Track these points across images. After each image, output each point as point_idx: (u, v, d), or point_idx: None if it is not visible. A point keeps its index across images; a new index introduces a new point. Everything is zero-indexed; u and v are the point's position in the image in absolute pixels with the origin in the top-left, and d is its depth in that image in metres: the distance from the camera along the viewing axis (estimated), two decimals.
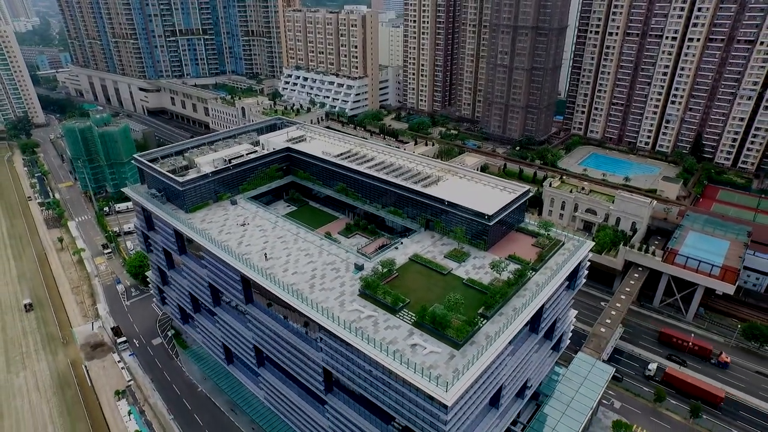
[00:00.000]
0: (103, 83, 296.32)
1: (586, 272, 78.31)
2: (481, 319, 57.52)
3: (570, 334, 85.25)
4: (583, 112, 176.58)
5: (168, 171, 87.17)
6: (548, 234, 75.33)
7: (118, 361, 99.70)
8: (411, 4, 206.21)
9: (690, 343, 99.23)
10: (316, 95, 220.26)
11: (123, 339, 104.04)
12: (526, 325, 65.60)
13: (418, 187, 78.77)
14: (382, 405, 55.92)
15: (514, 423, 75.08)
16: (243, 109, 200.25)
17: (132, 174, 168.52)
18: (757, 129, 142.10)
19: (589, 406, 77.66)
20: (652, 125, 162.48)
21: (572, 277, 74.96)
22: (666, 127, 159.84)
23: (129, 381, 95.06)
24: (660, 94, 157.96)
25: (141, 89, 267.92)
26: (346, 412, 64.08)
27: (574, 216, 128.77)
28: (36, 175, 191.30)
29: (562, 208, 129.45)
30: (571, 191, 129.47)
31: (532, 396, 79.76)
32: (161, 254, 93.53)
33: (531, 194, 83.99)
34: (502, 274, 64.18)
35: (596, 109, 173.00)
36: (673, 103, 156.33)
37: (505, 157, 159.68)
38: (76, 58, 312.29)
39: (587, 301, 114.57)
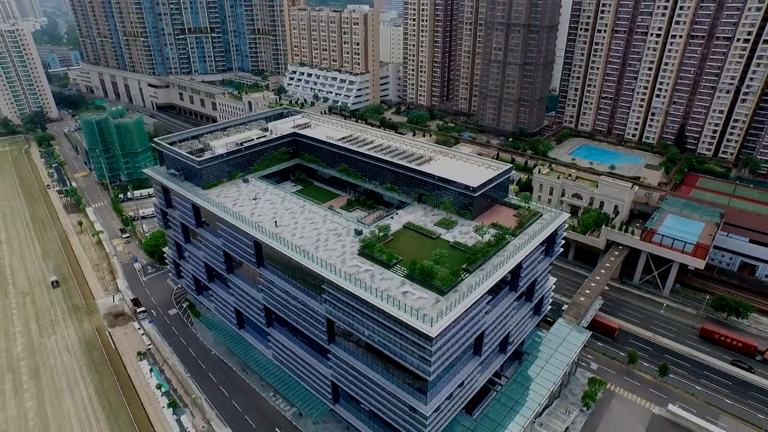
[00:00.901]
0: (113, 80, 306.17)
1: (563, 242, 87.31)
2: (464, 273, 66.31)
3: (550, 300, 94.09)
4: (574, 106, 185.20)
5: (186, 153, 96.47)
6: (528, 206, 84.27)
7: (138, 328, 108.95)
8: (410, 4, 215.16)
9: (733, 340, 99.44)
10: (319, 90, 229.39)
11: (142, 309, 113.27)
12: (505, 282, 74.94)
13: (412, 165, 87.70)
14: (377, 345, 64.74)
15: (499, 377, 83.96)
16: (250, 103, 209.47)
17: (145, 163, 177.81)
18: (735, 121, 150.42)
19: (566, 363, 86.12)
20: (638, 118, 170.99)
21: (550, 244, 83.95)
22: (652, 120, 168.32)
23: (149, 345, 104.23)
24: (646, 88, 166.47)
25: (150, 85, 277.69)
26: (346, 359, 72.98)
27: (561, 200, 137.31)
28: (53, 165, 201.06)
29: (551, 193, 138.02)
30: (558, 177, 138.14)
31: (515, 355, 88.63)
32: (179, 229, 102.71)
33: (513, 172, 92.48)
34: (485, 237, 73.02)
35: (586, 102, 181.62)
36: (658, 96, 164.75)
37: (498, 147, 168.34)
38: (87, 56, 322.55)
39: (572, 278, 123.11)
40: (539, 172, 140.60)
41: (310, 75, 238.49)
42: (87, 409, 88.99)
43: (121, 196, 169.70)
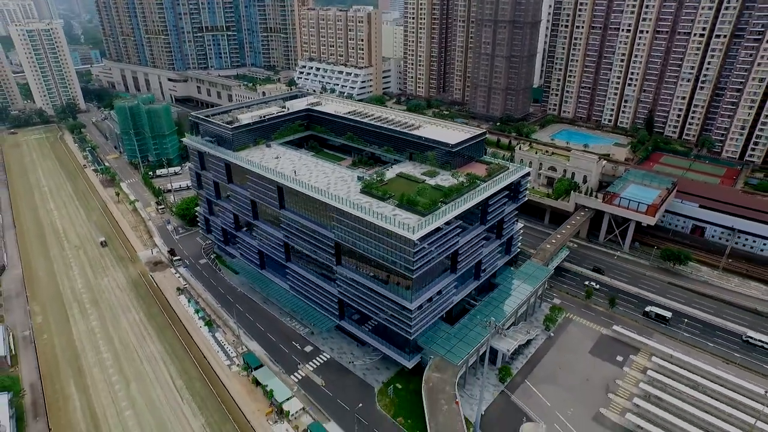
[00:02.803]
0: (134, 75, 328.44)
1: (528, 192, 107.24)
2: (441, 204, 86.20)
3: (519, 242, 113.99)
4: (556, 95, 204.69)
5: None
6: (498, 162, 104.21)
7: (174, 273, 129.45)
8: (410, 3, 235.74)
9: None
10: (327, 83, 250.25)
11: (177, 258, 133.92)
12: (476, 216, 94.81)
13: (404, 130, 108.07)
14: (373, 256, 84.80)
15: (475, 300, 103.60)
16: (264, 93, 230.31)
17: (172, 145, 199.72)
18: (695, 106, 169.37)
19: (530, 290, 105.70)
20: (613, 105, 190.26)
21: (515, 193, 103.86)
22: (625, 106, 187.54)
23: (184, 284, 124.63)
24: (619, 78, 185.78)
25: (170, 80, 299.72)
26: (350, 275, 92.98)
27: (539, 173, 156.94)
28: (87, 149, 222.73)
29: (530, 166, 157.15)
30: (536, 153, 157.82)
31: (490, 287, 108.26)
32: (211, 187, 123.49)
33: (486, 136, 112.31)
34: (459, 179, 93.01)
35: (568, 92, 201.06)
36: (629, 85, 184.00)
37: (487, 130, 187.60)
38: (110, 53, 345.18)
39: (544, 237, 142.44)
40: (520, 149, 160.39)
41: (318, 69, 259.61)
42: (140, 326, 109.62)
43: (150, 173, 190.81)
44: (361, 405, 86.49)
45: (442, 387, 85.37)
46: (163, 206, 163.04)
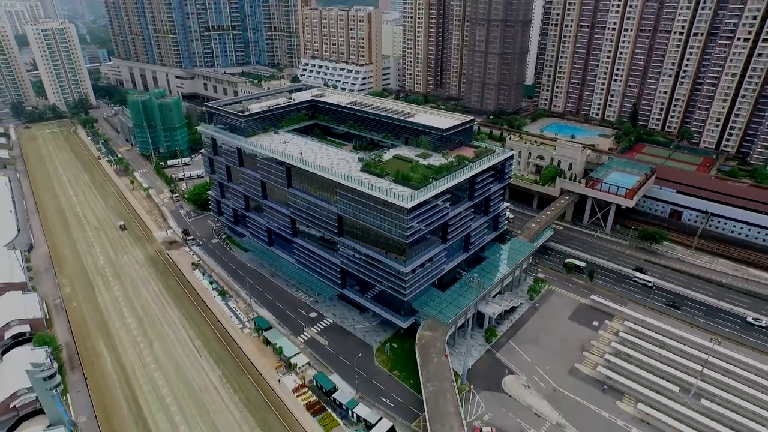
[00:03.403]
0: (142, 73, 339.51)
1: (512, 173, 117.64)
2: (432, 180, 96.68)
3: (506, 220, 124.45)
4: (547, 90, 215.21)
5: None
6: (485, 146, 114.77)
7: (188, 251, 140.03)
8: (408, 3, 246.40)
9: None
10: (329, 79, 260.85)
11: (191, 237, 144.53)
12: (464, 192, 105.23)
13: (400, 117, 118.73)
14: (372, 225, 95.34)
15: (465, 270, 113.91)
16: (269, 89, 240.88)
17: (182, 137, 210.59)
18: (676, 100, 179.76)
19: (515, 263, 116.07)
20: (601, 99, 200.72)
21: (500, 173, 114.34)
22: (611, 101, 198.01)
23: (198, 261, 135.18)
24: (606, 74, 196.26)
25: (177, 77, 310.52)
26: (351, 245, 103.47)
27: (528, 162, 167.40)
28: (100, 141, 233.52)
29: (520, 155, 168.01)
30: (525, 143, 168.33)
31: (478, 260, 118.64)
32: (223, 171, 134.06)
33: (474, 122, 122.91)
34: (449, 160, 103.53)
35: (558, 87, 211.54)
36: (615, 81, 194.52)
37: (480, 123, 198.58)
38: (118, 52, 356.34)
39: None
40: (510, 139, 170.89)
41: (320, 66, 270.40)
42: (159, 296, 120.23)
43: (162, 163, 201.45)
44: (360, 358, 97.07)
45: (433, 343, 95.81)
46: (177, 194, 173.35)
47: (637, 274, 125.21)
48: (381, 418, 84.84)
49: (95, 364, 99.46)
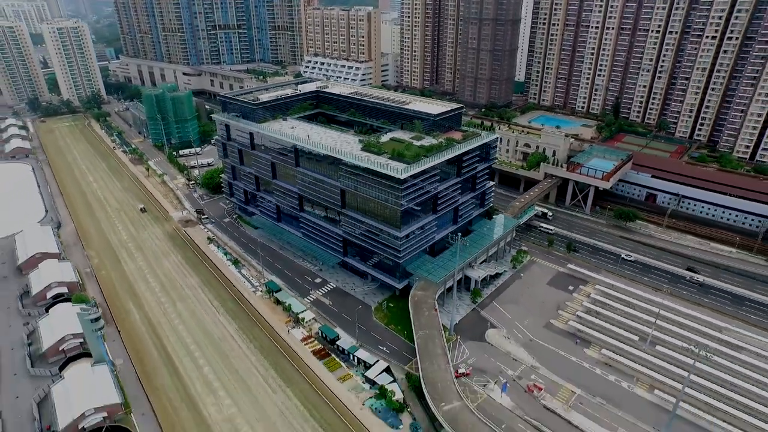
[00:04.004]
0: (150, 70, 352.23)
1: (501, 161, 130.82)
2: (424, 157, 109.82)
3: (492, 197, 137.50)
4: (536, 85, 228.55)
5: None
6: (472, 130, 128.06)
7: (203, 228, 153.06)
8: (406, 3, 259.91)
9: None
10: (330, 75, 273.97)
11: (205, 216, 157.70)
12: (452, 169, 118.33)
13: (396, 105, 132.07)
14: (371, 197, 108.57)
15: (453, 241, 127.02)
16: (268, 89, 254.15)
17: (192, 128, 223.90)
18: (654, 94, 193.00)
19: (500, 234, 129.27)
20: (586, 93, 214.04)
21: (485, 155, 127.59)
22: (595, 95, 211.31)
23: (212, 237, 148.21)
24: (590, 70, 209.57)
25: (185, 74, 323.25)
26: (352, 215, 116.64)
27: (516, 149, 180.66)
28: (114, 133, 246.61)
29: (508, 143, 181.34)
30: (513, 132, 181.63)
31: (466, 233, 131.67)
32: (236, 154, 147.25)
33: (463, 109, 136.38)
34: (439, 141, 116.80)
35: (546, 82, 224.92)
36: (599, 76, 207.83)
37: (473, 116, 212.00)
38: (126, 50, 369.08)
39: None
40: (499, 129, 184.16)
41: (322, 63, 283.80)
42: (179, 265, 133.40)
43: (174, 153, 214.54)
44: (360, 315, 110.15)
45: (425, 300, 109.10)
46: (193, 181, 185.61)
47: (690, 274, 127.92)
48: (378, 360, 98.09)
49: (126, 320, 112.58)
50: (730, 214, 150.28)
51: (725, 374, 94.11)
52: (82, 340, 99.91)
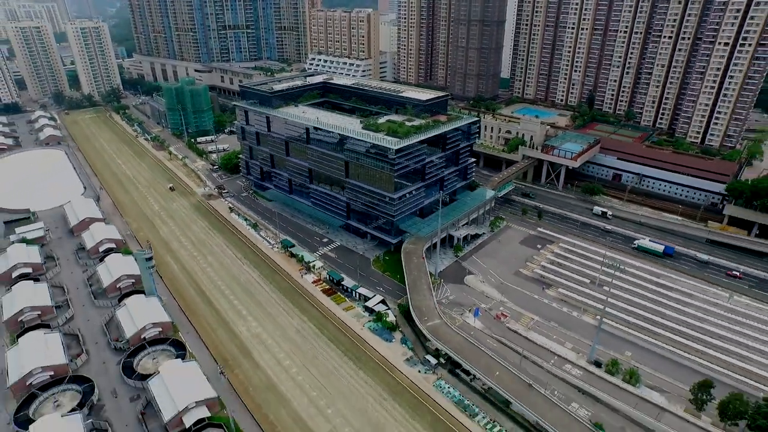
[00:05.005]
0: (163, 67, 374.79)
1: (484, 144, 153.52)
2: (413, 134, 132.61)
3: (473, 172, 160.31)
4: (520, 80, 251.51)
5: None
6: (456, 114, 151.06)
7: (224, 201, 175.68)
8: (403, 6, 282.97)
9: None
10: (333, 72, 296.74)
11: (225, 191, 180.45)
12: (438, 145, 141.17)
13: (392, 92, 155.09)
14: (371, 167, 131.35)
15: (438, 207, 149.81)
16: (280, 81, 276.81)
17: (208, 119, 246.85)
18: (624, 88, 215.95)
19: (479, 202, 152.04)
20: (564, 87, 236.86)
21: (468, 133, 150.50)
22: (572, 89, 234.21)
23: (233, 207, 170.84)
24: (567, 66, 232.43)
25: (196, 71, 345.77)
26: (355, 182, 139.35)
27: (498, 136, 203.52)
28: (135, 124, 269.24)
29: (491, 131, 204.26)
30: (496, 120, 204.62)
31: (450, 201, 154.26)
32: (253, 136, 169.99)
33: (449, 96, 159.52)
34: (427, 121, 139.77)
35: (529, 77, 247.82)
36: (576, 71, 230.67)
37: (462, 107, 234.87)
38: (140, 48, 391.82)
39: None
40: (484, 118, 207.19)
41: (325, 61, 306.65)
42: (205, 230, 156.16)
43: (192, 140, 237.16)
44: (360, 265, 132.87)
45: (414, 251, 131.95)
46: (216, 165, 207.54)
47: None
48: (375, 295, 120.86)
49: (165, 269, 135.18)
50: (681, 189, 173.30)
51: (655, 306, 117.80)
52: (134, 280, 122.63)
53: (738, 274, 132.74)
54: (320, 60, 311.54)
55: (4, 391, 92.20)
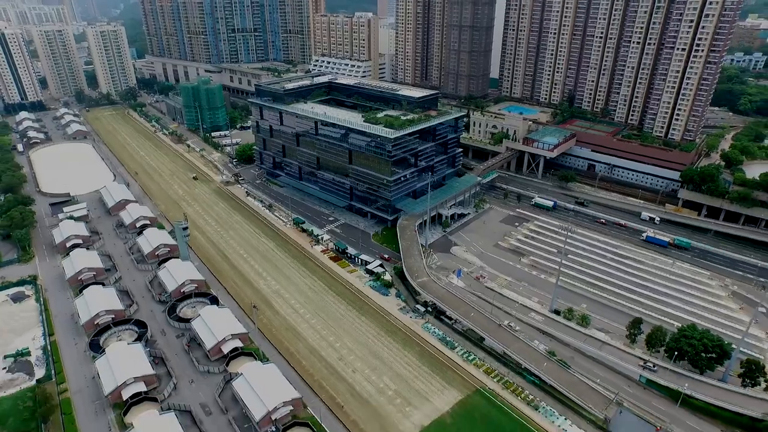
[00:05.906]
0: (174, 68, 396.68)
1: (472, 138, 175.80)
2: (407, 125, 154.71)
3: (461, 160, 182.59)
4: (508, 80, 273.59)
5: None
6: (446, 110, 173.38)
7: (241, 187, 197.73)
8: (400, 11, 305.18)
9: None
10: (335, 73, 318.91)
11: (242, 178, 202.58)
12: (429, 136, 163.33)
13: (389, 91, 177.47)
14: (371, 153, 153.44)
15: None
16: (289, 80, 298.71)
17: (222, 115, 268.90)
18: (601, 87, 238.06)
19: (466, 186, 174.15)
20: (548, 87, 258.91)
21: (455, 126, 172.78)
22: (555, 88, 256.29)
23: (249, 192, 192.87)
24: (550, 67, 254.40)
25: (207, 71, 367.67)
26: (357, 167, 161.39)
27: (486, 130, 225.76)
28: (153, 120, 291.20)
29: (480, 126, 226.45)
30: (484, 116, 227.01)
31: (440, 185, 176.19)
32: (267, 130, 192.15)
33: (439, 94, 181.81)
34: (419, 116, 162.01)
35: (516, 78, 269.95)
36: (557, 73, 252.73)
37: (453, 105, 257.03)
38: (152, 50, 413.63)
39: None
40: (473, 114, 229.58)
41: (329, 62, 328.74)
42: (226, 210, 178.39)
43: (207, 135, 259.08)
44: (362, 238, 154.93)
45: (408, 226, 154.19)
46: (234, 158, 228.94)
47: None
48: (374, 260, 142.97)
49: (194, 241, 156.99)
50: (646, 177, 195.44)
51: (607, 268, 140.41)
52: (169, 248, 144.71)
53: (603, 221, 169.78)
54: (324, 61, 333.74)
55: (78, 327, 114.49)
